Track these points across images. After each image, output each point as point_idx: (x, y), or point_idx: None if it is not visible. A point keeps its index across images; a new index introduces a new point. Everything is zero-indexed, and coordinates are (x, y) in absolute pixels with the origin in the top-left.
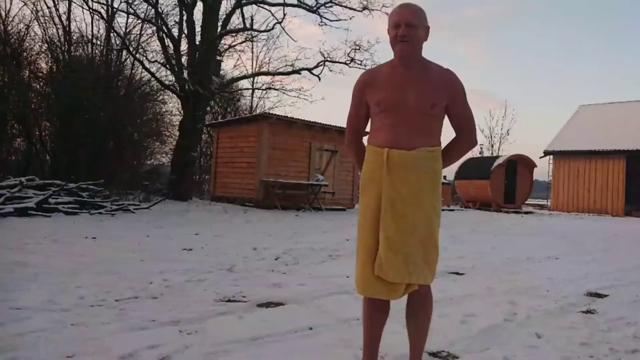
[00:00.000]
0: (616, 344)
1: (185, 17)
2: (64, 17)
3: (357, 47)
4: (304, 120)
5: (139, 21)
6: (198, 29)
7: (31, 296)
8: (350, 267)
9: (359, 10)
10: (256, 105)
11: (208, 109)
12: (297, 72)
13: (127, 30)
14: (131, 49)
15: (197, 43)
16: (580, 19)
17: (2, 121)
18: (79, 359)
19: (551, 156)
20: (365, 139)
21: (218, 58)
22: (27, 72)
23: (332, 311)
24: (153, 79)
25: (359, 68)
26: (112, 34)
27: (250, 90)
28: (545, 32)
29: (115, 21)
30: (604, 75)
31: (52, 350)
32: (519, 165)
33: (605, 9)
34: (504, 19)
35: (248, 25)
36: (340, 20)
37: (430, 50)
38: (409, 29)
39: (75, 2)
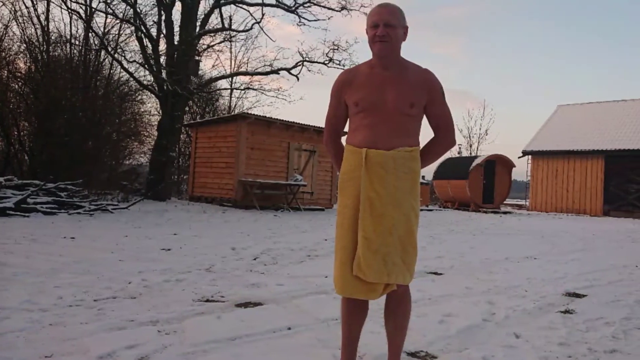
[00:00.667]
0: (595, 344)
1: (163, 17)
2: (42, 17)
3: (336, 47)
4: (282, 120)
5: (118, 21)
6: (176, 29)
7: (10, 296)
8: (329, 267)
9: (337, 10)
10: (234, 105)
11: (186, 108)
12: (276, 72)
13: (106, 30)
14: (110, 49)
15: (176, 43)
16: (560, 19)
17: None
18: (57, 359)
19: (529, 156)
20: (343, 139)
21: (196, 58)
22: (6, 72)
23: (311, 311)
24: (131, 78)
25: (338, 68)
26: (90, 34)
27: (229, 90)
28: (525, 32)
29: (94, 21)
30: (583, 75)
31: (31, 351)
32: (497, 165)
33: (584, 10)
34: (483, 19)
35: (226, 25)
36: (318, 20)
37: (409, 50)
38: (387, 29)
39: (53, 2)
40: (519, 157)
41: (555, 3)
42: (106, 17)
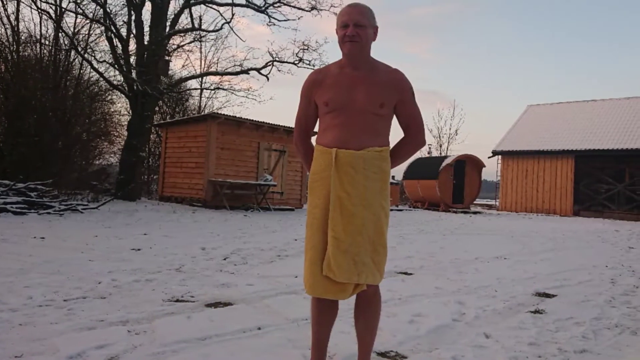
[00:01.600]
0: (565, 344)
1: (133, 17)
2: (12, 17)
3: (306, 47)
4: (252, 120)
5: (88, 21)
6: (146, 29)
7: None
8: (299, 267)
9: (307, 10)
10: (204, 105)
11: (156, 108)
12: (246, 72)
13: (76, 30)
14: (80, 48)
15: (146, 43)
16: (530, 19)
17: None
18: (27, 359)
19: (499, 156)
20: (313, 139)
21: (166, 58)
22: None
23: (281, 311)
24: (101, 78)
25: (308, 68)
26: (60, 34)
27: (199, 90)
28: (495, 32)
29: (64, 21)
30: (553, 75)
31: (0, 351)
32: (467, 165)
33: (554, 11)
34: (453, 19)
35: (196, 25)
36: (288, 20)
37: (379, 50)
38: (357, 29)
39: (23, 2)
40: (488, 157)
41: (524, 4)
42: (76, 17)
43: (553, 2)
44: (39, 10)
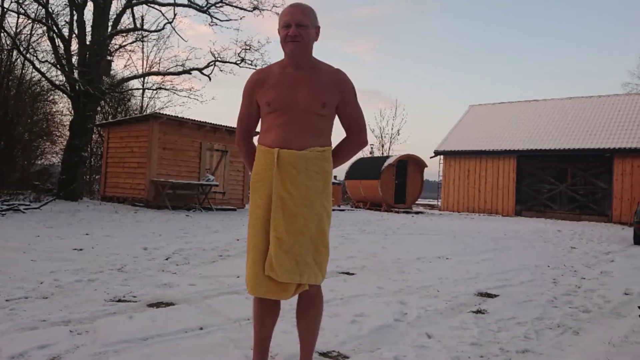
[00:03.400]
0: (507, 344)
1: (75, 17)
2: None
3: (248, 47)
4: (194, 120)
5: (30, 21)
6: (89, 29)
7: None
8: (241, 267)
9: (249, 10)
10: (146, 105)
11: (98, 109)
12: (188, 72)
13: (18, 30)
14: (22, 49)
15: (88, 43)
16: (471, 21)
17: None
18: None
19: (442, 156)
20: (255, 139)
21: (108, 58)
22: None
23: (223, 311)
24: (43, 79)
25: (250, 68)
26: (2, 34)
27: (141, 90)
28: (436, 33)
29: (6, 21)
30: (495, 75)
31: None
32: (409, 165)
33: (494, 12)
34: (393, 20)
35: (138, 25)
36: (230, 20)
37: (320, 50)
38: (299, 29)
39: None
40: (431, 157)
41: (464, 5)
42: (18, 17)
43: (493, 4)
44: None
